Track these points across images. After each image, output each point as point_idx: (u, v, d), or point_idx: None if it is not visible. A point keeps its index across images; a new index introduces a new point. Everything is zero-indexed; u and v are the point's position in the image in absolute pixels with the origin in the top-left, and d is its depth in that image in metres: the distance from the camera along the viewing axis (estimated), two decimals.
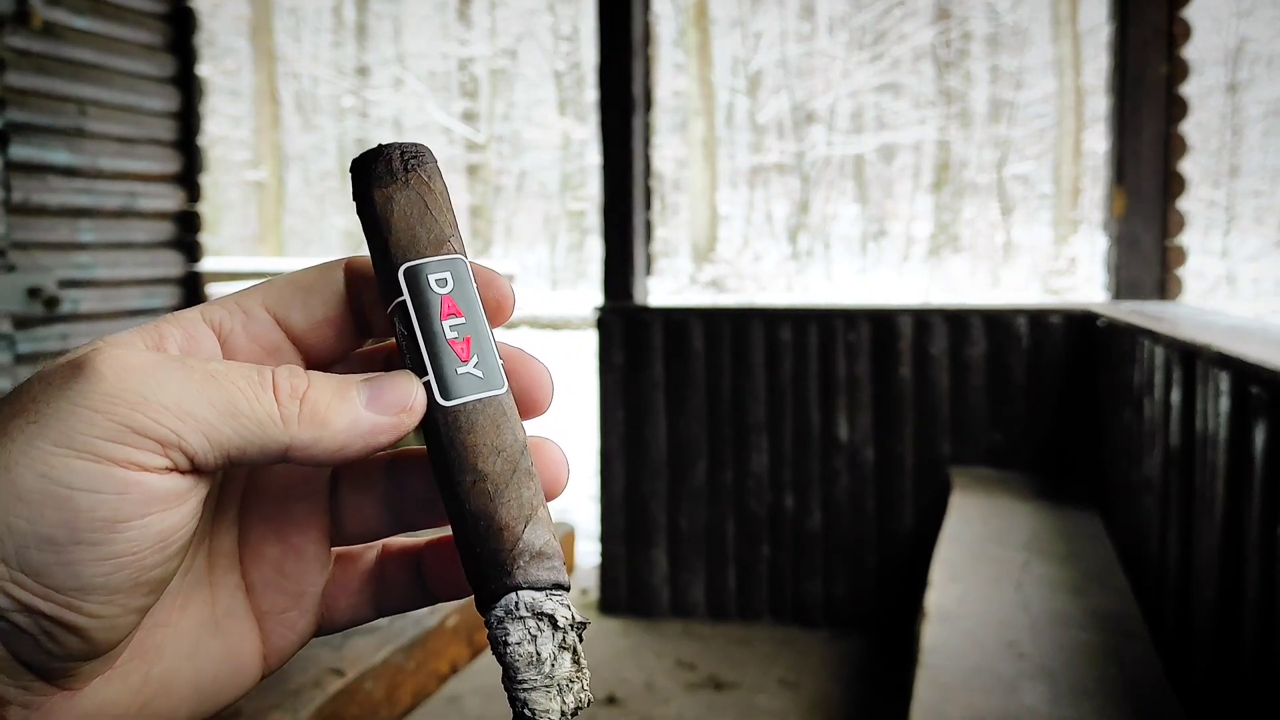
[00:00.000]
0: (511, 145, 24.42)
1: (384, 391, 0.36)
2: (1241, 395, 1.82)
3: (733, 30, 22.08)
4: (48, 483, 0.31)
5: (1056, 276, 18.43)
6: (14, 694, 0.34)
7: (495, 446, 0.36)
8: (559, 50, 23.73)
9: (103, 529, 0.32)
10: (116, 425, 0.32)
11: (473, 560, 0.36)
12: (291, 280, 0.38)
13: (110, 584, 0.32)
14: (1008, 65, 21.92)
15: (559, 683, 0.35)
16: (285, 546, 0.40)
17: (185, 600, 0.38)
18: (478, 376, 0.36)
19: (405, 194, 0.37)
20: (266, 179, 22.43)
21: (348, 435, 0.35)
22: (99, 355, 0.33)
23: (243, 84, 23.45)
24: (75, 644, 0.33)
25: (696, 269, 19.28)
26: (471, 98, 24.17)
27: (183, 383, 0.33)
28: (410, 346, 0.36)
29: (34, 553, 0.31)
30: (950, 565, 2.84)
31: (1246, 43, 20.50)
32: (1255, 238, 20.19)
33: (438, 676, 3.34)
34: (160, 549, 0.33)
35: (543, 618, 0.35)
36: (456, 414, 0.36)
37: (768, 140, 22.17)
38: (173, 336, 0.36)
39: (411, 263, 0.36)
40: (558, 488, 0.39)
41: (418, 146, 0.38)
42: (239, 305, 0.38)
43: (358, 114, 24.83)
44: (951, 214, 21.95)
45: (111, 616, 0.33)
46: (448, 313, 0.36)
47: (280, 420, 0.34)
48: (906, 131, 21.94)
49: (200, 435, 0.33)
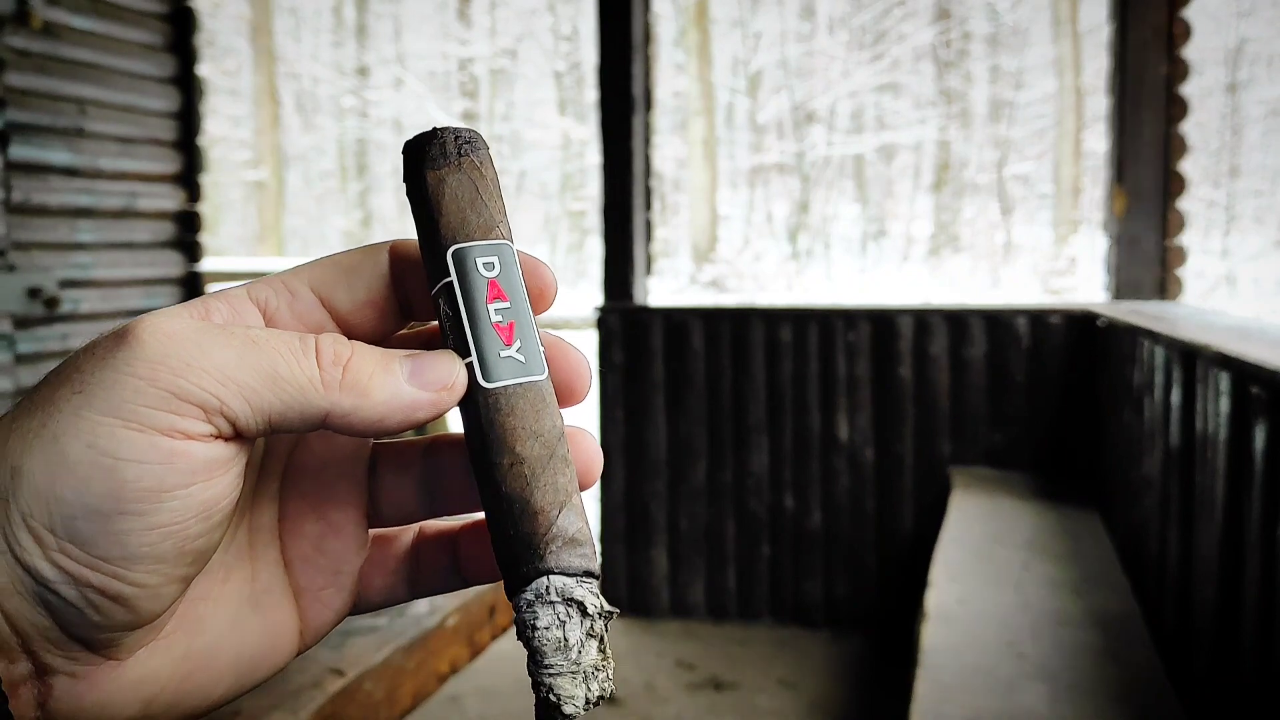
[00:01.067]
0: (511, 145, 24.41)
1: (426, 368, 0.36)
2: (1241, 395, 1.82)
3: (733, 30, 22.08)
4: (94, 453, 0.32)
5: (1056, 276, 18.42)
6: (61, 664, 0.34)
7: (533, 431, 0.36)
8: (559, 50, 23.73)
9: (148, 499, 0.32)
10: (161, 391, 0.32)
11: (505, 543, 0.36)
12: (336, 261, 0.39)
13: (155, 553, 0.33)
14: (1008, 65, 21.92)
15: (585, 670, 0.35)
16: (325, 524, 0.41)
17: (227, 574, 0.39)
18: (519, 361, 0.36)
19: (457, 177, 0.38)
20: (266, 179, 22.43)
21: (388, 407, 0.35)
22: (142, 324, 0.33)
23: (243, 84, 23.44)
24: (121, 614, 0.33)
25: (696, 269, 19.28)
26: (471, 98, 24.17)
27: (225, 348, 0.33)
28: (454, 327, 0.37)
29: (81, 523, 0.32)
30: (950, 565, 2.84)
31: (1246, 43, 20.49)
32: (1255, 238, 20.18)
33: (438, 676, 3.34)
34: (204, 518, 0.34)
35: (572, 604, 0.35)
36: (497, 396, 0.36)
37: (768, 140, 22.17)
38: (219, 311, 0.36)
39: (460, 245, 0.37)
40: (591, 478, 0.39)
41: (472, 132, 0.38)
42: (285, 284, 0.38)
43: (358, 114, 24.83)
44: (951, 214, 21.95)
45: (156, 586, 0.33)
46: (493, 296, 0.37)
47: (321, 385, 0.34)
48: (906, 131, 21.93)
49: (242, 400, 0.33)
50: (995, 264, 20.53)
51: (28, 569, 0.32)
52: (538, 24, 23.87)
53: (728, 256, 19.56)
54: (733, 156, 22.45)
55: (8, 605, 0.33)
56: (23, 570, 0.32)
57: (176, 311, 0.35)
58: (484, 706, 3.24)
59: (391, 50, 24.53)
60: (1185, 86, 3.78)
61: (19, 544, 0.32)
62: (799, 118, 21.83)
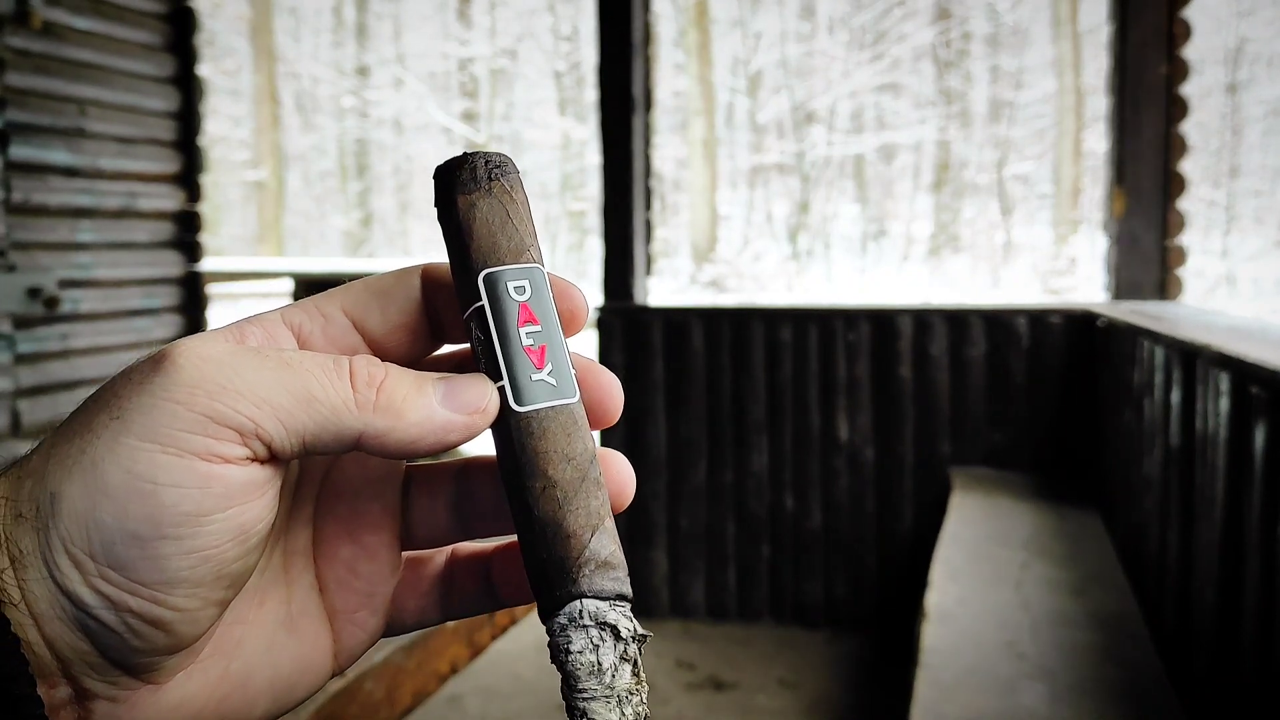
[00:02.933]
0: (511, 145, 24.39)
1: (459, 391, 0.36)
2: (1241, 395, 1.82)
3: (733, 30, 22.07)
4: (133, 478, 0.32)
5: (1056, 276, 18.42)
6: (101, 688, 0.34)
7: (566, 454, 0.36)
8: (559, 50, 23.73)
9: (186, 523, 0.32)
10: (197, 416, 0.32)
11: (538, 567, 0.36)
12: (369, 285, 0.39)
13: (194, 577, 0.33)
14: (1008, 65, 21.91)
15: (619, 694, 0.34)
16: (358, 547, 0.41)
17: (262, 598, 0.39)
18: (551, 384, 0.36)
19: (488, 202, 0.38)
20: (266, 179, 22.43)
21: (421, 429, 0.35)
22: (177, 349, 0.34)
23: (243, 84, 23.44)
24: (160, 638, 0.34)
25: (696, 269, 19.28)
26: (471, 98, 24.16)
27: (259, 370, 0.34)
28: (486, 351, 0.37)
29: (120, 548, 0.32)
30: (950, 565, 2.84)
31: (1246, 43, 20.49)
32: (1255, 238, 20.17)
33: (438, 676, 3.34)
34: (241, 542, 0.34)
35: (605, 627, 0.35)
36: (529, 420, 0.36)
37: (768, 140, 22.16)
38: (254, 335, 0.37)
39: (491, 269, 0.37)
40: (623, 500, 0.39)
41: (501, 156, 0.39)
42: (318, 308, 0.38)
43: (358, 114, 24.82)
44: (951, 214, 21.95)
45: (194, 610, 0.34)
46: (524, 320, 0.37)
47: (355, 406, 0.35)
48: (906, 131, 21.93)
49: (277, 422, 0.33)
50: (995, 264, 20.53)
51: (68, 594, 0.33)
52: (538, 24, 23.86)
53: (728, 256, 19.56)
54: (733, 156, 22.44)
55: (48, 630, 0.33)
56: (63, 595, 0.33)
57: (212, 336, 0.35)
58: (484, 706, 3.24)
59: (391, 50, 24.52)
60: (1185, 86, 3.78)
61: (59, 569, 0.32)
62: (799, 118, 21.83)
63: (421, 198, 24.80)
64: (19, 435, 4.03)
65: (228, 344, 0.35)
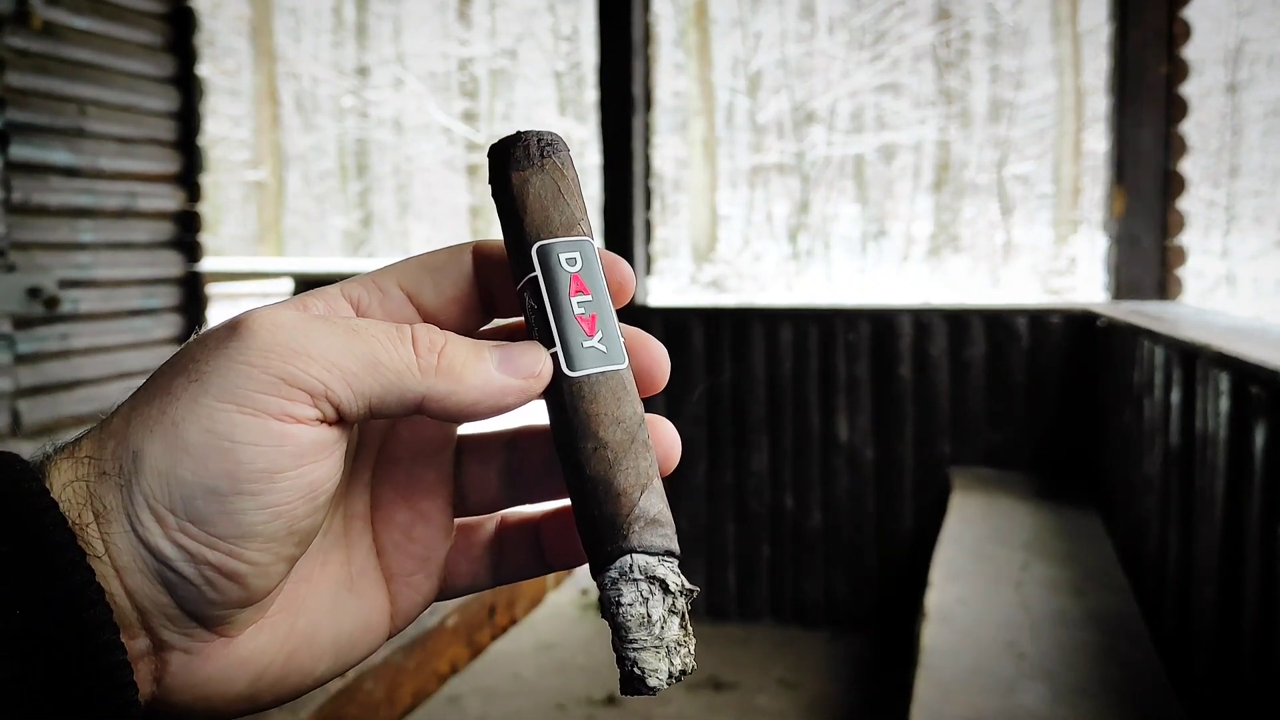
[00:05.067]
0: None
1: (515, 357, 0.38)
2: (1241, 395, 1.82)
3: (733, 30, 22.06)
4: (212, 436, 0.34)
5: (1056, 276, 18.42)
6: (177, 640, 0.36)
7: (615, 417, 0.38)
8: (559, 50, 23.72)
9: (261, 479, 0.34)
10: (271, 378, 0.34)
11: (589, 524, 0.37)
12: (423, 261, 0.41)
13: (267, 532, 0.35)
14: (1008, 65, 21.90)
15: (668, 645, 0.36)
16: (414, 512, 0.43)
17: (325, 559, 0.42)
18: (601, 351, 0.38)
19: (540, 178, 0.39)
20: (266, 179, 22.43)
21: (480, 392, 0.37)
22: (251, 316, 0.36)
23: (243, 84, 23.44)
24: (234, 591, 0.36)
25: (696, 269, 19.27)
26: (471, 98, 24.16)
27: (328, 336, 0.36)
28: (539, 320, 0.39)
29: (199, 503, 0.34)
30: (950, 565, 2.84)
31: (1246, 43, 20.48)
32: (1255, 238, 20.16)
33: (438, 676, 3.34)
34: (310, 499, 0.36)
35: (655, 581, 0.36)
36: (580, 384, 0.38)
37: (768, 140, 22.16)
38: (316, 308, 0.39)
39: (544, 241, 0.39)
40: (670, 463, 0.41)
41: (553, 135, 0.40)
42: (375, 283, 0.40)
43: (358, 114, 24.82)
44: (951, 214, 21.94)
45: (267, 564, 0.36)
46: (576, 290, 0.38)
47: (418, 370, 0.36)
48: (906, 131, 21.92)
49: (345, 385, 0.35)
50: (995, 264, 20.52)
51: (149, 547, 0.35)
52: (538, 24, 23.86)
53: (728, 256, 19.56)
54: (733, 156, 22.44)
55: (130, 583, 0.35)
56: (145, 549, 0.35)
57: (281, 306, 0.37)
58: (484, 706, 3.24)
59: (391, 50, 24.52)
60: (1185, 86, 3.78)
61: (141, 524, 0.34)
62: (799, 118, 21.83)
63: (421, 197, 24.80)
64: (19, 435, 4.03)
65: (296, 312, 0.37)
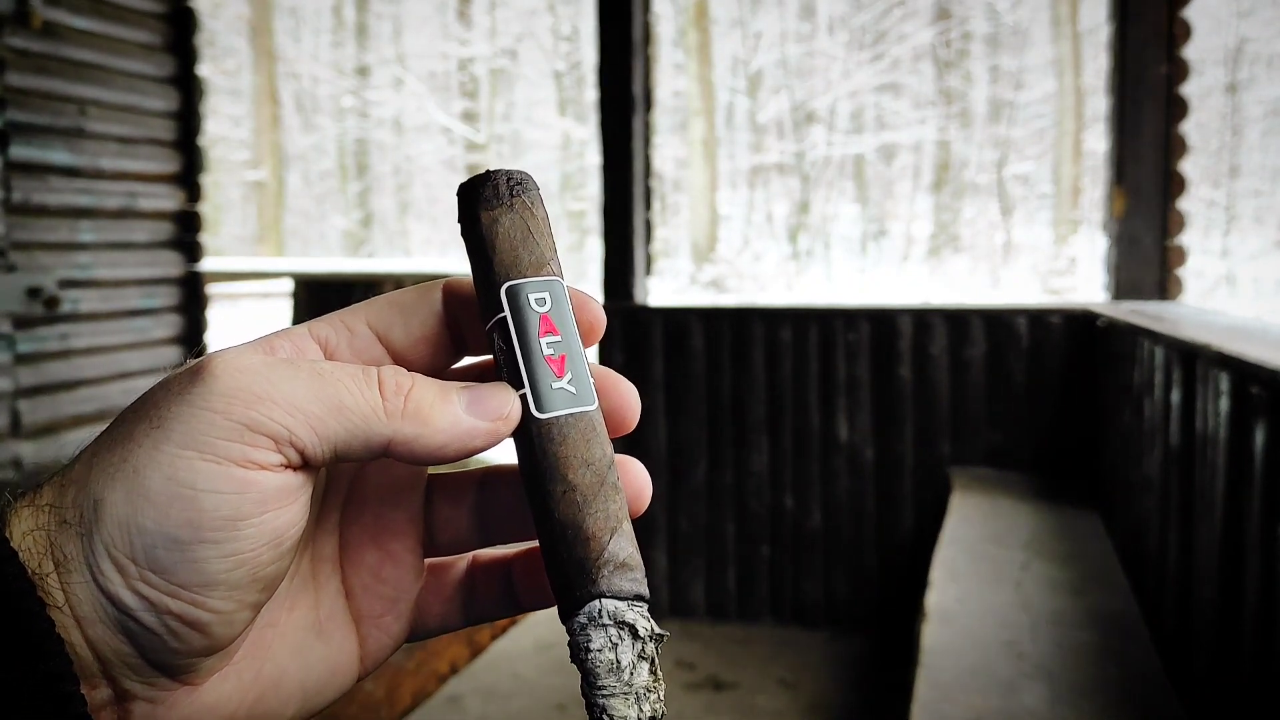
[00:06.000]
0: (511, 145, 24.40)
1: (483, 398, 0.37)
2: (1241, 395, 1.82)
3: (733, 30, 22.06)
4: (173, 484, 0.33)
5: (1056, 276, 18.42)
6: (140, 689, 0.36)
7: (585, 459, 0.37)
8: (559, 50, 23.72)
9: (224, 527, 0.34)
10: (233, 424, 0.34)
11: (558, 568, 0.37)
12: (392, 300, 0.41)
13: (231, 580, 0.34)
14: (1008, 65, 21.90)
15: (637, 691, 0.36)
16: (383, 553, 0.43)
17: (292, 603, 0.41)
18: (571, 392, 0.38)
19: (510, 217, 0.39)
20: (266, 179, 22.43)
21: (447, 435, 0.37)
22: (213, 360, 0.35)
23: (243, 84, 23.44)
24: (197, 639, 0.35)
25: (696, 269, 19.28)
26: (471, 98, 24.16)
27: (292, 380, 0.35)
28: (508, 361, 0.38)
29: (161, 551, 0.33)
30: (950, 565, 2.84)
31: (1246, 43, 20.48)
32: (1255, 238, 20.16)
33: (438, 676, 3.34)
34: (275, 546, 0.35)
35: (624, 626, 0.36)
36: (549, 426, 0.37)
37: (768, 140, 22.16)
38: (283, 348, 0.38)
39: (513, 282, 0.38)
40: (640, 504, 0.41)
41: (522, 174, 0.40)
42: (343, 322, 0.40)
43: (358, 114, 24.82)
44: (951, 214, 21.94)
45: (230, 612, 0.35)
46: (545, 330, 0.38)
47: (384, 414, 0.36)
48: (906, 131, 21.92)
49: (310, 430, 0.35)
50: (995, 264, 20.53)
51: (110, 597, 0.34)
52: (538, 24, 23.86)
53: (728, 256, 19.56)
54: (733, 156, 22.44)
55: (90, 633, 0.34)
56: (105, 598, 0.34)
57: (245, 348, 0.37)
58: (484, 706, 3.24)
59: (391, 50, 24.52)
60: (1185, 86, 3.78)
61: (102, 573, 0.34)
62: (799, 118, 21.82)
63: (421, 197, 24.79)
64: (19, 435, 4.03)
65: (261, 355, 0.36)
